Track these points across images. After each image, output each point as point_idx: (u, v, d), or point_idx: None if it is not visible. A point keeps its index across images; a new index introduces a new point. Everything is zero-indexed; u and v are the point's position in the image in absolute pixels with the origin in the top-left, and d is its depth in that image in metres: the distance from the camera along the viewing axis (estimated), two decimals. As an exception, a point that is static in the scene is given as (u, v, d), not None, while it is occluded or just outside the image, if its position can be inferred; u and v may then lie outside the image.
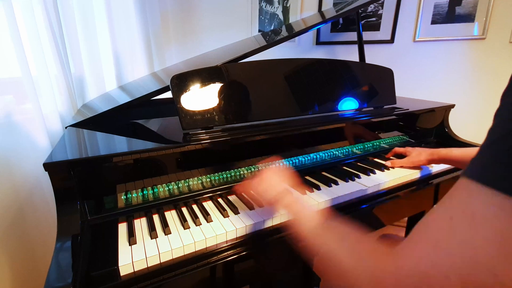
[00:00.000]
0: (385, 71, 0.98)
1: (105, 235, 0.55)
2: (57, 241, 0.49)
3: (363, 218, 0.73)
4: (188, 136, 0.65)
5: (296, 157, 0.79)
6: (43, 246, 0.98)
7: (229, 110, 0.69)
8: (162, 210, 0.62)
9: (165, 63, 1.44)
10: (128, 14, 1.24)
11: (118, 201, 0.59)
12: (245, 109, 0.71)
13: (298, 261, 0.53)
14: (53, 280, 0.42)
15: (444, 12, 1.36)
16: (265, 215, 0.60)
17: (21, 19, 0.85)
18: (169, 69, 1.10)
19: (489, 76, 1.36)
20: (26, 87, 0.85)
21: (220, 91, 0.69)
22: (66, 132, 0.75)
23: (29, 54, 0.86)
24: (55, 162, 0.52)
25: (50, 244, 0.96)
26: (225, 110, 0.69)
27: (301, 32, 0.92)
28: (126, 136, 0.69)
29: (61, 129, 0.98)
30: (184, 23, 1.50)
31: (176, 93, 0.65)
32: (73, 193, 0.54)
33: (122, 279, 0.47)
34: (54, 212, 0.52)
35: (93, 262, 0.48)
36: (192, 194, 0.66)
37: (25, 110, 0.92)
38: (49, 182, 0.53)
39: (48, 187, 0.96)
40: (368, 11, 1.49)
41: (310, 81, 0.81)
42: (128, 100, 0.76)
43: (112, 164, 0.57)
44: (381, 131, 0.96)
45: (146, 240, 0.53)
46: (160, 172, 0.62)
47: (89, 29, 1.11)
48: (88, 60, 1.12)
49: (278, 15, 1.57)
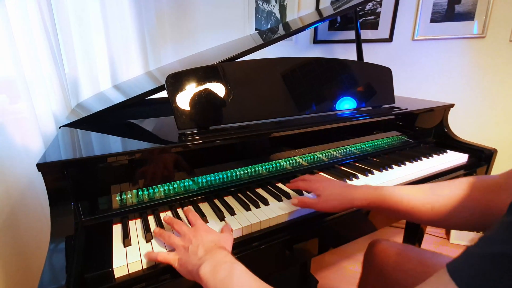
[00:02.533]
0: (383, 70, 0.98)
1: (99, 237, 0.55)
2: (51, 243, 0.48)
3: (357, 221, 0.72)
4: (183, 136, 0.64)
5: (293, 158, 0.78)
6: (37, 247, 0.97)
7: (225, 110, 0.68)
8: (157, 211, 0.62)
9: (160, 62, 1.42)
10: (123, 12, 1.23)
11: (112, 202, 0.59)
12: (241, 108, 0.71)
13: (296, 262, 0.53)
14: (47, 282, 0.42)
15: (443, 10, 1.36)
16: (262, 217, 0.60)
17: (15, 17, 0.84)
18: (165, 68, 1.09)
19: (489, 75, 1.35)
20: (19, 87, 0.84)
21: (216, 91, 0.68)
22: (59, 132, 0.74)
23: (23, 53, 0.86)
24: (49, 163, 0.51)
25: (44, 246, 0.95)
26: (221, 110, 0.68)
27: (298, 31, 0.91)
28: (121, 136, 0.68)
29: (54, 129, 0.97)
30: (179, 21, 1.48)
31: (171, 92, 0.64)
32: (67, 194, 0.53)
33: (117, 281, 0.47)
34: (47, 213, 0.52)
35: (87, 264, 0.48)
36: (187, 195, 0.65)
37: (18, 109, 0.91)
38: (43, 183, 0.52)
39: (42, 187, 0.95)
40: (366, 9, 1.48)
41: (307, 81, 0.80)
42: (123, 99, 0.76)
43: (106, 164, 0.56)
44: (379, 131, 0.96)
45: (141, 241, 0.53)
46: (155, 172, 0.61)
47: (83, 27, 1.09)
48: (82, 59, 1.11)
49: (275, 13, 1.56)
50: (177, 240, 0.49)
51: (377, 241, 0.70)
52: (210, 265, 0.41)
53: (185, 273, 0.45)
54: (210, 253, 0.43)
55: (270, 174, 0.75)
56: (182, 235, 0.50)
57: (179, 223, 0.53)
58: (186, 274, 0.45)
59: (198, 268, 0.41)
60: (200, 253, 0.44)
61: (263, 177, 0.74)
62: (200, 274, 0.40)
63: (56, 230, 0.50)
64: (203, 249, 0.45)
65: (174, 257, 0.47)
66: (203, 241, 0.47)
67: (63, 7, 1.03)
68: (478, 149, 0.98)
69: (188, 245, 0.47)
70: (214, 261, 0.41)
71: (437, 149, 1.00)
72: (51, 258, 0.45)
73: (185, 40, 1.51)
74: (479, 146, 0.98)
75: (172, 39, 1.49)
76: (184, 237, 0.49)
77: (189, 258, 0.45)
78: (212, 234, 0.50)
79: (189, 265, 0.44)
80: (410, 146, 1.04)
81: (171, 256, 0.47)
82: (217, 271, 0.40)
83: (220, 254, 0.43)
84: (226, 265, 0.40)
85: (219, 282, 0.38)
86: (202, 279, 0.40)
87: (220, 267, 0.40)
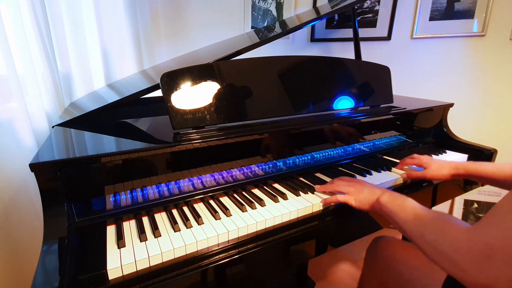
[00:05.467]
0: (381, 69, 0.97)
1: (93, 238, 0.54)
2: (44, 244, 0.48)
3: (360, 220, 0.72)
4: (178, 136, 0.63)
5: (289, 158, 0.78)
6: (29, 249, 0.96)
7: (221, 109, 0.68)
8: (152, 212, 0.61)
9: (155, 61, 1.40)
10: (117, 10, 1.21)
11: (106, 202, 0.58)
12: (237, 108, 0.70)
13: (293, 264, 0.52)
14: (40, 284, 0.41)
15: (442, 8, 1.35)
16: (258, 218, 0.59)
17: (7, 15, 0.83)
18: (159, 67, 1.09)
19: (489, 74, 1.34)
20: (11, 85, 0.83)
21: (212, 90, 0.67)
22: (53, 131, 0.73)
23: (15, 51, 0.84)
24: (42, 163, 0.50)
25: (37, 247, 0.94)
26: (217, 109, 0.67)
27: (295, 29, 0.90)
28: (115, 136, 0.68)
29: (47, 128, 0.96)
30: (174, 19, 1.46)
31: (166, 91, 0.63)
32: (60, 195, 0.53)
33: (111, 283, 0.46)
34: (40, 214, 0.52)
35: (81, 265, 0.47)
36: (182, 195, 0.65)
37: (10, 108, 0.90)
38: (35, 183, 0.51)
39: (34, 188, 0.94)
40: (364, 7, 1.47)
41: (305, 79, 0.79)
42: (117, 98, 0.75)
43: (100, 164, 0.56)
44: (377, 131, 0.95)
45: (135, 243, 0.52)
46: (149, 173, 0.61)
47: (77, 25, 1.08)
48: (75, 57, 1.09)
49: (272, 11, 1.54)
50: (346, 188, 0.64)
51: (382, 237, 0.71)
52: (388, 196, 0.57)
53: (365, 207, 0.61)
54: (383, 191, 0.59)
55: (266, 175, 0.75)
56: (348, 185, 0.65)
57: (337, 180, 0.68)
58: (365, 206, 0.61)
59: (379, 198, 0.57)
60: (376, 192, 0.60)
61: (259, 177, 0.74)
62: (381, 202, 0.56)
63: (49, 231, 0.50)
64: (375, 190, 0.61)
65: (349, 198, 0.63)
66: (370, 186, 0.63)
67: (56, 4, 1.02)
68: (478, 149, 0.98)
69: (361, 189, 0.62)
70: (390, 194, 0.57)
71: (436, 149, 1.00)
72: (44, 260, 0.45)
73: (180, 38, 1.49)
74: (478, 146, 0.98)
75: (167, 37, 1.47)
76: (353, 186, 0.64)
77: (367, 197, 0.61)
78: (370, 184, 0.66)
79: (368, 200, 0.60)
80: (409, 146, 1.04)
81: (347, 197, 0.63)
82: (395, 199, 0.55)
83: (392, 192, 0.58)
84: (401, 197, 0.55)
85: (397, 206, 0.53)
86: (382, 204, 0.56)
87: (396, 196, 0.55)
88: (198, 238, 0.53)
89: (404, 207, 0.51)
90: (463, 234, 0.37)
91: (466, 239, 0.36)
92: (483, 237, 0.34)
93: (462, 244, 0.36)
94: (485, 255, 0.33)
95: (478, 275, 0.34)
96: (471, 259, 0.34)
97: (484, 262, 0.33)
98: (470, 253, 0.35)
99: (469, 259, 0.35)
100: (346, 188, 0.65)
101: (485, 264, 0.33)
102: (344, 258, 1.42)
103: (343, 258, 1.42)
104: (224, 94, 0.68)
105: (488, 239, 0.33)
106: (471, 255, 0.35)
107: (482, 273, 0.33)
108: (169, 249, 0.51)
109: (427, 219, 0.45)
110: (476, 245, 0.35)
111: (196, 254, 0.53)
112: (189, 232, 0.55)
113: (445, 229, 0.41)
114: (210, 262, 0.52)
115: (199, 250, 0.53)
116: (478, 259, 0.34)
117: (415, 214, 0.48)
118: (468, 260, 0.35)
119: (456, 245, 0.37)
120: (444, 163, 0.76)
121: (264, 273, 0.62)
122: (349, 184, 0.66)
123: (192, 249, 0.53)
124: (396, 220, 0.52)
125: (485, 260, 0.33)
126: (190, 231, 0.55)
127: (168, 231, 0.56)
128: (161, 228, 0.56)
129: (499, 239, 0.32)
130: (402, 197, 0.54)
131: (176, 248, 0.51)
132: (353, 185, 0.65)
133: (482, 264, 0.33)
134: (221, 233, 0.55)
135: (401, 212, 0.51)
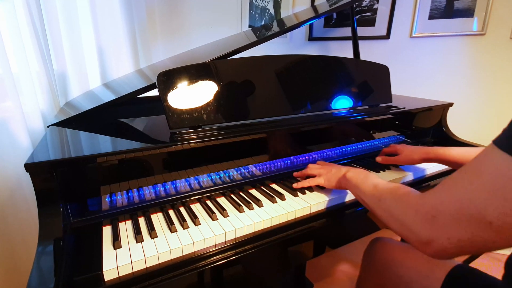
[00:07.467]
0: (380, 68, 0.97)
1: (88, 239, 0.54)
2: (39, 245, 0.47)
3: (358, 221, 0.72)
4: (175, 136, 0.63)
5: (287, 158, 0.77)
6: (25, 250, 0.95)
7: (218, 109, 0.67)
8: (148, 212, 0.61)
9: (151, 60, 1.39)
10: (113, 8, 1.20)
11: (102, 203, 0.58)
12: (234, 107, 0.70)
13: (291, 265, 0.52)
14: (35, 285, 0.41)
15: (442, 7, 1.34)
16: (255, 219, 0.59)
17: (1, 13, 0.82)
18: (156, 66, 1.08)
19: (489, 73, 1.34)
20: (6, 84, 0.82)
21: (209, 89, 0.67)
22: (48, 131, 0.73)
23: (9, 49, 0.83)
24: (37, 163, 0.50)
25: (32, 248, 0.93)
26: (214, 109, 0.67)
27: (293, 28, 0.90)
28: (111, 136, 0.67)
29: (42, 128, 0.96)
30: (171, 17, 1.45)
31: (162, 90, 0.63)
32: (55, 195, 0.52)
33: (107, 284, 0.46)
34: (35, 215, 0.51)
35: (76, 266, 0.47)
36: (179, 196, 0.64)
37: (5, 108, 0.89)
38: (31, 184, 0.51)
39: (30, 188, 0.94)
40: (363, 6, 1.46)
41: (302, 79, 0.79)
42: (113, 98, 0.74)
43: (96, 164, 0.55)
44: (376, 131, 0.95)
45: (131, 244, 0.52)
46: (146, 173, 0.60)
47: (72, 23, 1.07)
48: (71, 56, 1.08)
49: (269, 9, 1.53)
50: (318, 170, 0.71)
51: (379, 239, 0.71)
52: (352, 172, 0.62)
53: (333, 184, 0.66)
54: (349, 168, 0.64)
55: (263, 175, 0.74)
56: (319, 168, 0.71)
57: (309, 166, 0.74)
58: (333, 183, 0.66)
59: (344, 175, 0.63)
60: (342, 170, 0.65)
61: (256, 178, 0.73)
62: (346, 177, 0.62)
63: (45, 232, 0.49)
64: (342, 169, 0.66)
65: (319, 180, 0.69)
66: (339, 166, 0.69)
67: (52, 3, 1.01)
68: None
69: (330, 169, 0.68)
70: (354, 170, 0.62)
71: (435, 149, 0.99)
72: (39, 261, 0.45)
73: (176, 37, 1.48)
74: (478, 146, 0.98)
75: (164, 36, 1.46)
76: (323, 168, 0.70)
77: (334, 174, 0.66)
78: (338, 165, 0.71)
79: (336, 177, 0.66)
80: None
81: (316, 180, 0.69)
82: (358, 173, 0.60)
83: (355, 169, 0.63)
84: (364, 172, 0.60)
85: (360, 179, 0.57)
86: (348, 179, 0.61)
87: (359, 172, 0.61)
88: (195, 239, 0.53)
89: (365, 180, 0.56)
90: (414, 199, 0.41)
91: (416, 203, 0.40)
92: (431, 201, 0.37)
93: (413, 207, 0.40)
94: (430, 216, 0.36)
95: (421, 233, 0.37)
96: (418, 220, 0.38)
97: (429, 222, 0.36)
98: (418, 214, 0.38)
99: (417, 221, 0.38)
100: (317, 170, 0.70)
101: (429, 224, 0.36)
102: (342, 259, 1.42)
103: (341, 259, 1.42)
104: (221, 93, 0.68)
105: (435, 203, 0.36)
106: (419, 216, 0.38)
107: (426, 231, 0.37)
108: (166, 250, 0.50)
109: (384, 189, 0.49)
110: (424, 208, 0.38)
111: (193, 255, 0.52)
112: (186, 233, 0.55)
113: (399, 195, 0.44)
114: (207, 263, 0.52)
115: (196, 251, 0.53)
116: (423, 220, 0.37)
117: (375, 185, 0.53)
118: (416, 221, 0.38)
119: (407, 209, 0.41)
120: (416, 149, 0.80)
121: (261, 274, 0.62)
122: (321, 167, 0.71)
123: (189, 250, 0.52)
124: (358, 193, 0.56)
125: (430, 220, 0.36)
126: (187, 232, 0.55)
127: (165, 232, 0.55)
128: (158, 229, 0.55)
129: (445, 204, 0.35)
130: (365, 172, 0.60)
131: (173, 249, 0.51)
132: (323, 167, 0.70)
133: (427, 224, 0.37)
134: (218, 234, 0.54)
135: (363, 184, 0.56)
